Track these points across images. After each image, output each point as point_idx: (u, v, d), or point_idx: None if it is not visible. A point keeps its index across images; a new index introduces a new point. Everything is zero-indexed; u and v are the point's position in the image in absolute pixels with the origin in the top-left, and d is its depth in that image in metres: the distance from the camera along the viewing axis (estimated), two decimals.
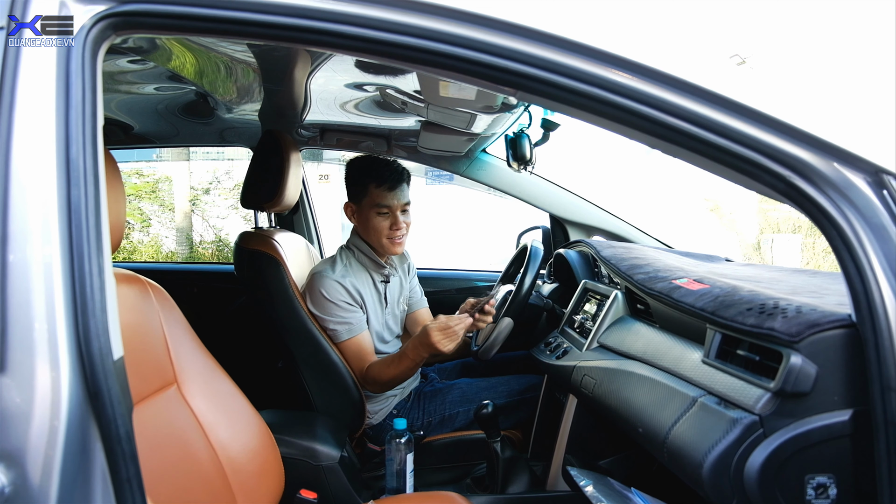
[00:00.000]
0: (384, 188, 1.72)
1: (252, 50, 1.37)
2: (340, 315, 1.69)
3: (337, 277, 1.71)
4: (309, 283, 1.74)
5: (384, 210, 1.74)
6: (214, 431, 1.13)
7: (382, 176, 1.72)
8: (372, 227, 1.76)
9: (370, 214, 1.75)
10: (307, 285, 1.74)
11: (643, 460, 1.47)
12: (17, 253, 0.65)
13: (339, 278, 1.71)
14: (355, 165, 1.79)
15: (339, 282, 1.70)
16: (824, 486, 0.78)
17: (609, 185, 5.86)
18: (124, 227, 0.97)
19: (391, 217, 1.75)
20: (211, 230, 8.28)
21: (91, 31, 0.69)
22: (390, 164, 1.76)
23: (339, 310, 1.69)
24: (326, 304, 1.68)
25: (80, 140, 0.67)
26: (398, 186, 1.74)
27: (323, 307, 1.69)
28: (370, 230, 1.76)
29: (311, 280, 1.73)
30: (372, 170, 1.74)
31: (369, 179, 1.73)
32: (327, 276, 1.70)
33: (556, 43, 0.73)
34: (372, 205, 1.74)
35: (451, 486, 1.71)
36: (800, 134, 0.73)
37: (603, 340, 1.42)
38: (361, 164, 1.78)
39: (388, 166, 1.75)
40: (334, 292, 1.69)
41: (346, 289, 1.71)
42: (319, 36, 0.72)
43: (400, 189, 1.74)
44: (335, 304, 1.69)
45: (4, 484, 0.61)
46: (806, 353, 0.78)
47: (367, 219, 1.76)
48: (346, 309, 1.70)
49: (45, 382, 0.63)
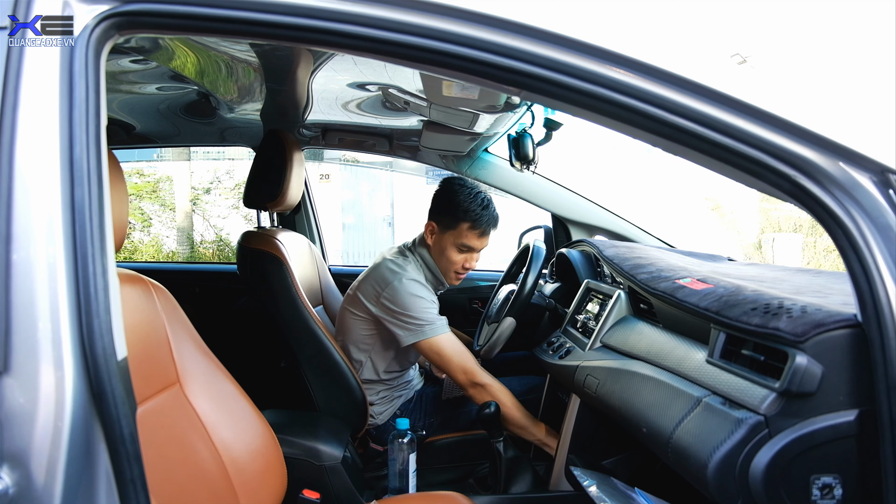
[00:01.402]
0: (477, 232, 1.72)
1: (254, 49, 1.37)
2: (433, 311, 1.68)
3: (416, 278, 1.70)
4: (389, 288, 1.67)
5: (466, 249, 1.74)
6: (217, 431, 1.13)
7: (480, 220, 1.71)
8: (446, 258, 1.75)
9: (450, 246, 1.74)
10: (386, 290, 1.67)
11: (646, 460, 1.47)
12: (20, 252, 0.65)
13: (418, 278, 1.71)
14: (455, 194, 1.72)
15: (419, 282, 1.70)
16: (830, 487, 0.78)
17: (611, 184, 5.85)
18: (127, 226, 0.97)
19: (468, 256, 1.75)
20: (212, 230, 8.29)
21: (94, 30, 0.69)
22: (489, 207, 1.73)
23: (431, 306, 1.68)
24: (418, 302, 1.65)
25: (84, 140, 0.67)
26: (489, 234, 1.74)
27: (415, 306, 1.65)
28: (443, 259, 1.76)
29: (391, 284, 1.67)
30: (472, 209, 1.70)
31: (466, 218, 1.70)
32: (410, 276, 1.69)
33: (560, 42, 0.73)
34: (457, 240, 1.73)
35: (454, 486, 1.70)
36: (805, 133, 0.73)
37: (606, 340, 1.42)
38: (461, 196, 1.72)
39: (487, 209, 1.72)
40: (422, 290, 1.68)
41: (427, 287, 1.71)
42: (324, 36, 0.72)
43: (488, 236, 1.75)
44: (425, 300, 1.67)
45: (9, 485, 0.61)
46: (811, 353, 0.78)
47: (444, 248, 1.75)
48: (435, 305, 1.70)
49: (48, 383, 0.63)
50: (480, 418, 1.54)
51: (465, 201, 1.71)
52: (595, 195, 2.30)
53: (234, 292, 2.59)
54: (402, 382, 1.84)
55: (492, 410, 1.52)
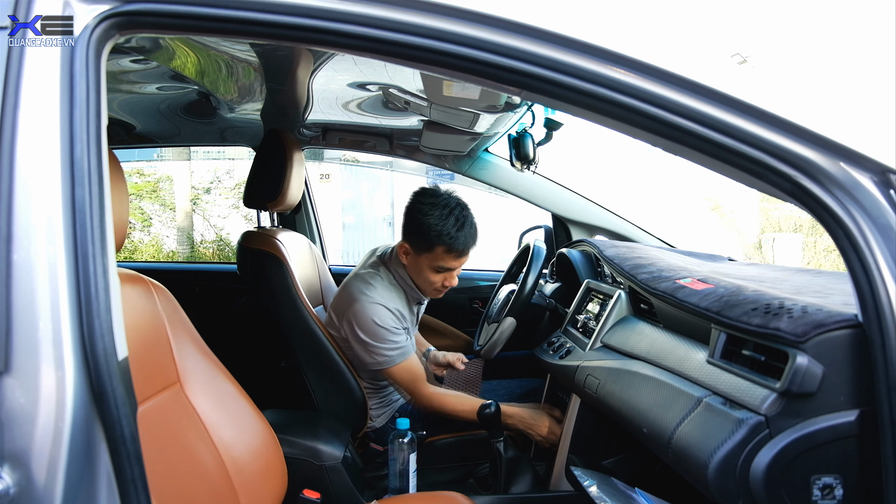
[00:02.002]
0: (454, 255, 1.58)
1: (255, 49, 1.37)
2: (393, 340, 1.61)
3: (383, 302, 1.62)
4: (353, 308, 1.62)
5: (443, 270, 1.62)
6: (217, 431, 1.13)
7: (456, 242, 1.55)
8: (423, 279, 1.64)
9: (426, 269, 1.62)
10: (350, 310, 1.62)
11: (647, 460, 1.47)
12: (21, 252, 0.65)
13: (385, 303, 1.62)
14: (425, 216, 1.56)
15: (385, 307, 1.61)
16: (830, 487, 0.78)
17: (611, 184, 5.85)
18: (127, 226, 0.97)
19: (447, 275, 1.64)
20: (212, 229, 8.29)
21: (95, 30, 0.69)
22: (465, 226, 1.57)
23: (392, 335, 1.61)
24: (379, 331, 1.59)
25: (85, 140, 0.67)
26: (470, 251, 1.60)
27: (376, 334, 1.60)
28: (421, 279, 1.65)
29: (355, 306, 1.62)
30: (445, 232, 1.54)
31: (440, 242, 1.56)
32: (375, 300, 1.61)
33: (560, 42, 0.73)
34: (432, 263, 1.60)
35: (454, 486, 1.70)
36: (806, 133, 0.73)
37: (606, 340, 1.42)
38: (433, 218, 1.55)
39: (463, 228, 1.56)
40: (386, 318, 1.60)
41: (393, 313, 1.62)
42: (325, 36, 0.72)
43: (470, 252, 1.61)
44: (388, 329, 1.60)
45: (9, 485, 0.61)
46: (812, 354, 0.78)
47: (420, 269, 1.63)
48: (397, 333, 1.62)
49: (49, 383, 0.63)
50: (481, 418, 1.54)
51: (438, 224, 1.55)
52: (595, 195, 2.31)
53: (234, 292, 2.59)
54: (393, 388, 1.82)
55: (492, 410, 1.52)
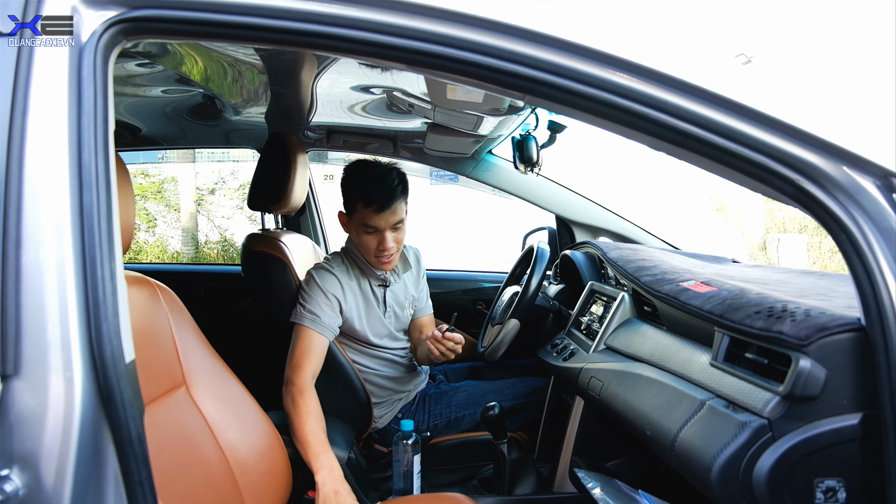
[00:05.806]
0: (373, 209, 1.61)
1: (259, 53, 1.38)
2: (317, 301, 1.63)
3: (334, 271, 1.67)
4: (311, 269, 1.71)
5: (371, 230, 1.64)
6: (223, 433, 1.14)
7: (371, 196, 1.60)
8: (361, 244, 1.69)
9: (358, 231, 1.67)
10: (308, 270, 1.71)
11: (650, 462, 1.47)
12: (30, 255, 0.65)
13: (338, 274, 1.67)
14: (347, 178, 1.68)
15: (333, 274, 1.66)
16: (833, 490, 0.78)
17: (615, 185, 5.85)
18: (134, 229, 0.97)
19: (379, 236, 1.65)
20: (216, 230, 8.32)
21: (102, 36, 0.70)
22: (381, 182, 1.62)
23: (319, 296, 1.63)
24: (312, 285, 1.64)
25: (92, 144, 0.68)
26: (388, 207, 1.61)
27: (308, 285, 1.65)
28: (360, 246, 1.70)
29: (313, 266, 1.71)
30: (362, 187, 1.62)
31: (357, 197, 1.63)
32: (326, 266, 1.69)
33: (563, 46, 0.73)
34: (360, 223, 1.65)
35: (458, 488, 1.71)
36: (808, 137, 0.73)
37: (610, 342, 1.42)
38: (353, 177, 1.66)
39: (378, 184, 1.61)
40: (327, 281, 1.65)
41: (339, 283, 1.67)
42: (330, 41, 0.72)
43: (390, 210, 1.62)
44: (321, 290, 1.63)
45: (19, 486, 0.62)
46: (815, 357, 0.78)
47: (356, 234, 1.69)
48: (326, 301, 1.63)
49: (58, 385, 0.64)
50: (485, 420, 1.54)
51: (358, 181, 1.63)
52: (599, 197, 2.31)
53: (238, 293, 2.60)
54: (401, 386, 1.82)
55: (496, 412, 1.52)
